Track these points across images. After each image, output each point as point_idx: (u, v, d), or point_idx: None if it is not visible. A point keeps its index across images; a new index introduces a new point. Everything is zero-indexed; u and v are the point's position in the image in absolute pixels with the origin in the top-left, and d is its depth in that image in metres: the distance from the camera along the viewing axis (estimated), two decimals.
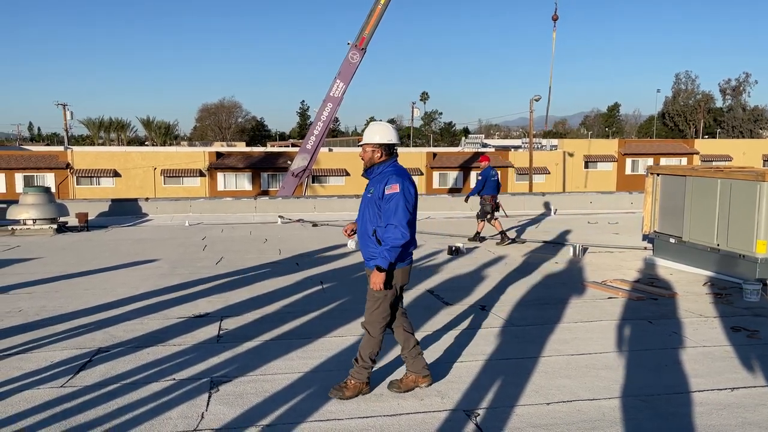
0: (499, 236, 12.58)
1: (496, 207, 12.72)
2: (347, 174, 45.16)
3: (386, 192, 4.23)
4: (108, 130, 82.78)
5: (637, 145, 55.34)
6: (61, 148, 46.32)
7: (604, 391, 4.57)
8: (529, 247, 12.07)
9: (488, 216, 12.60)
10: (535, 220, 17.64)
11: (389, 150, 4.42)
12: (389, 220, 4.21)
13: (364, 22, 27.82)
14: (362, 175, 4.55)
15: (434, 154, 48.85)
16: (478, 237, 12.80)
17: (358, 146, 4.53)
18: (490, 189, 12.62)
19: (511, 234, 13.57)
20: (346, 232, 4.80)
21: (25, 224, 14.95)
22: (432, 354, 5.42)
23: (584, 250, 11.18)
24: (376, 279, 4.23)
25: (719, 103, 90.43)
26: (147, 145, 74.82)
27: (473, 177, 48.28)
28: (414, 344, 4.57)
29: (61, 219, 15.72)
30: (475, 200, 13.41)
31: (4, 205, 16.55)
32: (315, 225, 16.44)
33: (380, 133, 4.43)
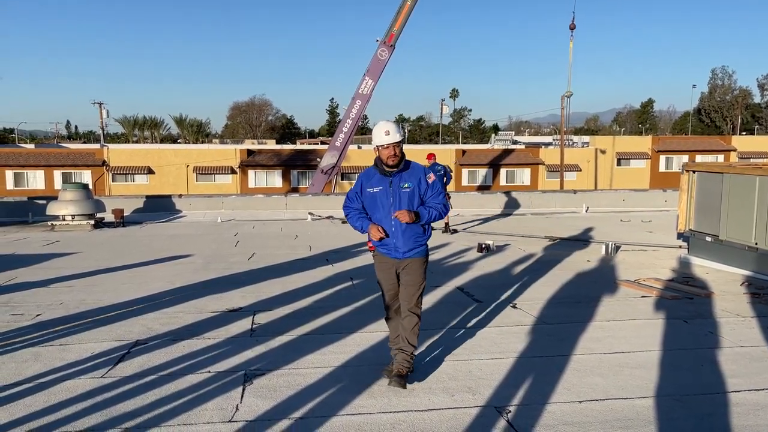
0: (443, 225, 14.05)
1: None
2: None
3: (429, 181, 4.72)
4: (142, 128, 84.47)
5: (671, 141, 54.24)
6: (97, 146, 47.41)
7: (638, 390, 4.53)
8: (561, 244, 11.96)
9: None
10: (567, 218, 17.46)
11: None
12: (440, 197, 4.75)
13: (393, 18, 27.83)
14: (390, 173, 4.61)
15: (463, 152, 48.62)
16: (448, 229, 13.96)
17: (386, 146, 4.57)
18: None
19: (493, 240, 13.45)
20: (373, 241, 4.68)
21: (64, 220, 15.36)
22: (462, 351, 5.43)
23: (617, 248, 11.03)
24: (410, 217, 4.50)
25: (757, 99, 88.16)
26: (180, 143, 76.04)
27: (503, 174, 47.94)
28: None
29: (98, 215, 16.11)
30: (509, 198, 13.44)
31: (44, 201, 17.02)
32: (344, 222, 16.53)
33: (400, 130, 4.66)
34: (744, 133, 79.45)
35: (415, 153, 49.40)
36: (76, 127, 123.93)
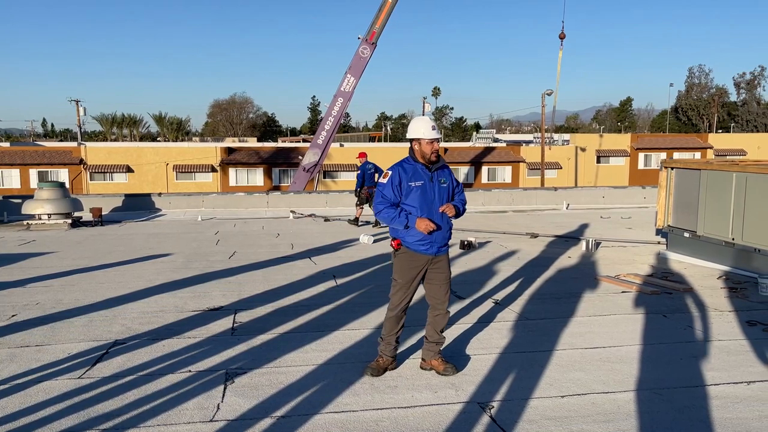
0: (353, 220, 14.99)
1: (370, 196, 14.42)
2: (358, 169, 45.17)
3: (454, 177, 4.91)
4: (120, 126, 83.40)
5: (650, 139, 54.92)
6: (74, 144, 46.70)
7: (619, 385, 4.56)
8: (542, 241, 12.04)
9: (362, 203, 14.72)
10: (548, 215, 17.58)
11: None
12: (464, 193, 5.00)
13: (375, 16, 27.80)
14: (428, 168, 4.69)
15: (445, 149, 48.72)
16: (355, 221, 14.86)
17: (430, 141, 4.63)
18: (368, 181, 14.70)
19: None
20: (410, 237, 4.65)
21: (40, 219, 15.11)
22: (445, 347, 5.42)
23: (597, 244, 11.13)
24: (456, 211, 4.69)
25: (733, 97, 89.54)
26: (159, 141, 75.25)
27: (485, 172, 48.16)
28: None
29: (76, 214, 15.88)
30: (491, 196, 13.61)
31: (20, 200, 16.73)
32: (327, 220, 16.48)
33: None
34: (720, 130, 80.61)
35: (400, 151, 49.18)
36: (52, 125, 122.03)
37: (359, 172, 14.87)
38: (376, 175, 14.64)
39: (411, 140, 4.71)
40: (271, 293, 7.55)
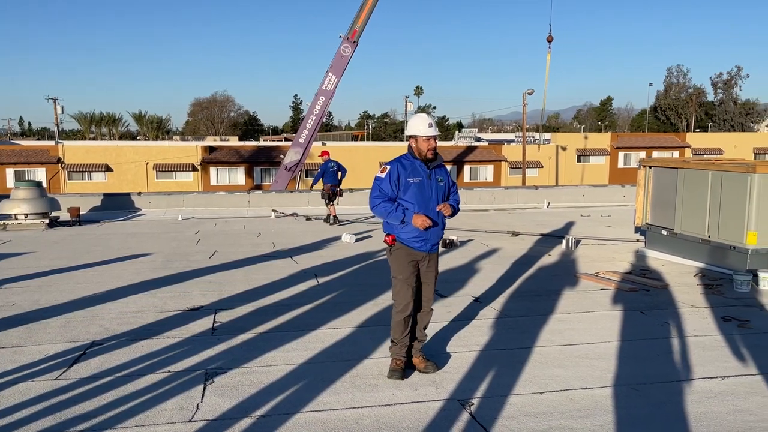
0: (327, 217, 15.27)
1: (334, 194, 15.06)
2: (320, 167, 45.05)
3: (450, 176, 4.90)
4: (99, 125, 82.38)
5: (629, 138, 55.51)
6: (52, 143, 46.04)
7: (597, 380, 4.62)
8: (523, 239, 12.12)
9: (327, 200, 15.11)
10: (529, 213, 17.70)
11: None
12: (458, 193, 5.01)
13: (356, 14, 27.77)
14: (427, 166, 4.69)
15: None
16: (335, 220, 15.01)
17: (427, 138, 4.64)
18: (328, 179, 15.09)
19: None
20: (404, 233, 4.67)
21: (16, 219, 14.87)
22: (426, 345, 5.43)
23: (577, 242, 11.23)
24: (452, 210, 4.70)
25: (711, 97, 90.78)
26: (139, 140, 74.49)
27: (467, 171, 48.36)
28: None
29: (53, 213, 15.65)
30: (473, 195, 13.67)
31: None
32: (309, 219, 16.43)
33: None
34: (698, 130, 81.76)
35: (383, 150, 49.01)
36: (29, 123, 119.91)
37: (319, 170, 15.39)
38: (339, 173, 15.22)
39: (409, 137, 4.73)
40: (252, 293, 7.52)
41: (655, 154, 50.99)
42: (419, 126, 4.66)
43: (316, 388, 4.47)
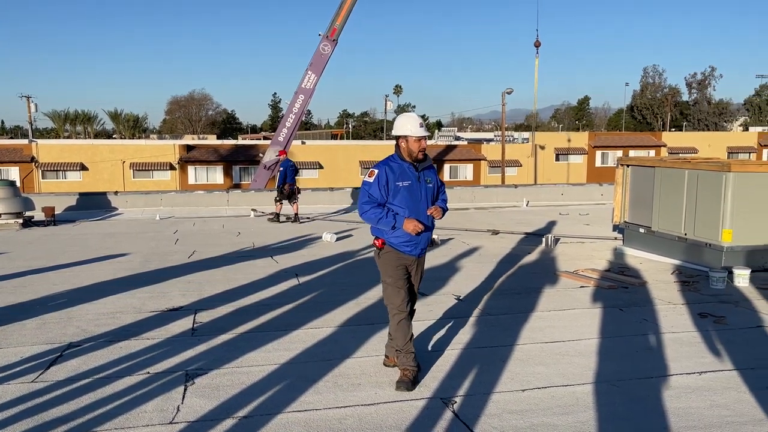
0: (274, 216, 15.43)
1: (292, 192, 15.25)
2: (320, 167, 44.96)
3: (438, 177, 4.78)
4: (74, 123, 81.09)
5: (606, 137, 56.14)
6: (25, 141, 45.16)
7: (578, 377, 4.66)
8: (503, 238, 12.19)
9: (282, 198, 15.30)
10: (508, 212, 17.82)
11: None
12: (446, 193, 4.89)
13: (335, 13, 27.65)
14: (416, 167, 4.55)
15: None
16: (297, 218, 15.39)
17: (418, 139, 4.46)
18: (289, 177, 15.36)
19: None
20: (394, 237, 4.53)
21: None
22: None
23: (556, 240, 11.33)
24: (441, 213, 4.61)
25: (685, 97, 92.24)
26: (115, 138, 73.45)
27: (447, 169, 48.50)
28: None
29: (27, 213, 15.38)
30: (453, 194, 13.74)
31: None
32: (288, 218, 16.34)
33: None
34: (673, 129, 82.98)
35: (362, 149, 49.00)
36: (2, 121, 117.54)
37: (282, 169, 15.49)
38: (298, 172, 15.78)
39: (397, 138, 4.52)
40: (232, 293, 7.46)
41: (632, 153, 51.62)
42: (410, 126, 4.46)
43: (298, 388, 4.45)
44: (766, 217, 8.32)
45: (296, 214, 15.42)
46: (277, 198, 15.44)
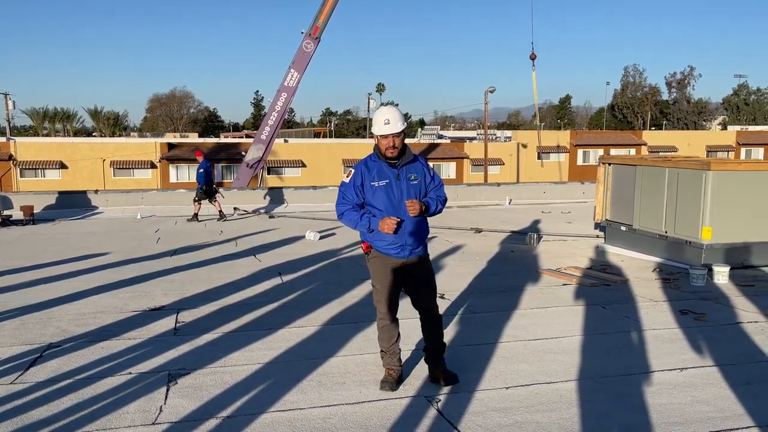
0: (192, 216, 15.34)
1: (210, 192, 15.58)
2: (303, 165, 44.81)
3: (429, 171, 4.47)
4: (53, 121, 79.85)
5: (588, 136, 56.64)
6: (3, 139, 44.41)
7: (561, 374, 4.69)
8: (486, 236, 12.24)
9: (203, 198, 15.47)
10: (491, 210, 17.90)
11: None
12: (442, 189, 4.54)
13: (318, 10, 27.57)
14: (393, 165, 4.26)
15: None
16: (222, 215, 15.44)
17: (384, 136, 4.18)
18: (210, 177, 15.75)
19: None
20: (377, 240, 4.31)
21: None
22: None
23: (539, 238, 11.39)
24: (420, 208, 4.23)
25: (665, 96, 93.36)
26: (95, 136, 72.52)
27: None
28: None
29: (6, 212, 15.15)
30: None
31: None
32: (272, 217, 16.28)
33: (402, 119, 4.25)
34: (653, 128, 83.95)
35: (345, 148, 48.87)
36: None
37: (201, 170, 15.60)
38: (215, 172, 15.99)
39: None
40: (215, 292, 7.40)
41: (613, 151, 52.11)
42: (375, 123, 4.22)
43: (282, 387, 4.43)
44: (745, 214, 8.44)
45: (220, 211, 15.54)
46: (196, 198, 15.52)
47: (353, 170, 4.33)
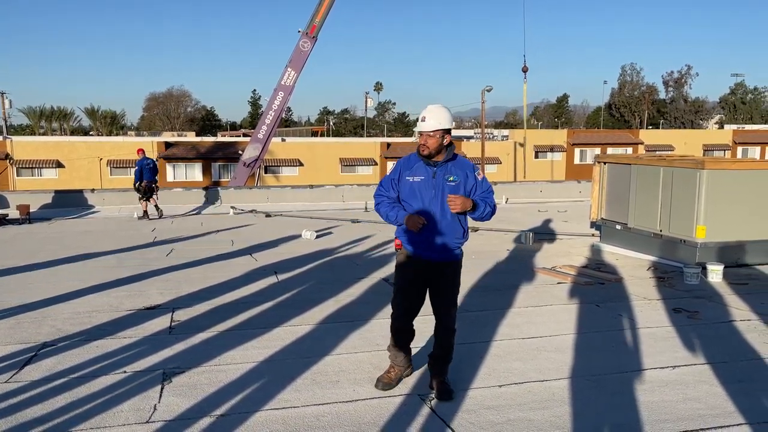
0: (143, 213, 15.65)
1: (150, 190, 15.82)
2: (301, 164, 44.79)
3: (478, 177, 4.27)
4: (50, 120, 79.64)
5: (585, 135, 56.69)
6: None
7: (554, 373, 4.71)
8: (482, 234, 12.26)
9: (145, 196, 15.76)
10: None
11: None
12: (491, 196, 4.31)
13: (315, 9, 27.55)
14: (434, 163, 4.17)
15: (388, 144, 48.91)
16: (145, 214, 15.66)
17: (419, 134, 4.13)
18: (147, 175, 15.87)
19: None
20: (406, 237, 4.24)
21: None
22: (386, 340, 5.44)
23: (535, 237, 11.42)
24: (465, 204, 4.06)
25: (662, 95, 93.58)
26: (92, 135, 72.39)
27: None
28: None
29: (1, 211, 15.14)
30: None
31: None
32: (268, 216, 16.28)
33: (449, 118, 4.19)
34: (650, 127, 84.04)
35: (342, 147, 48.74)
36: None
37: (137, 168, 15.96)
38: (157, 171, 16.39)
39: None
40: (211, 290, 7.41)
41: (610, 150, 52.17)
42: (419, 121, 4.18)
43: (276, 385, 4.44)
44: (739, 213, 8.48)
45: (156, 206, 15.84)
46: (140, 197, 15.88)
47: (396, 164, 4.35)
